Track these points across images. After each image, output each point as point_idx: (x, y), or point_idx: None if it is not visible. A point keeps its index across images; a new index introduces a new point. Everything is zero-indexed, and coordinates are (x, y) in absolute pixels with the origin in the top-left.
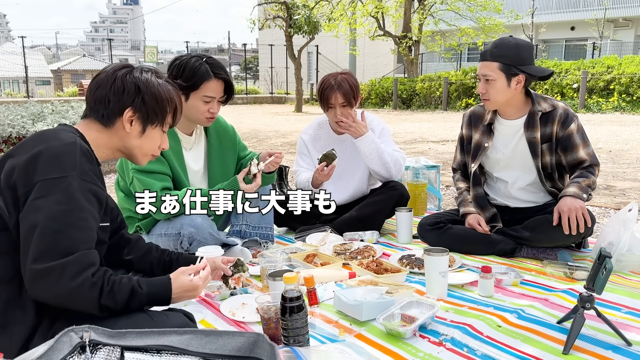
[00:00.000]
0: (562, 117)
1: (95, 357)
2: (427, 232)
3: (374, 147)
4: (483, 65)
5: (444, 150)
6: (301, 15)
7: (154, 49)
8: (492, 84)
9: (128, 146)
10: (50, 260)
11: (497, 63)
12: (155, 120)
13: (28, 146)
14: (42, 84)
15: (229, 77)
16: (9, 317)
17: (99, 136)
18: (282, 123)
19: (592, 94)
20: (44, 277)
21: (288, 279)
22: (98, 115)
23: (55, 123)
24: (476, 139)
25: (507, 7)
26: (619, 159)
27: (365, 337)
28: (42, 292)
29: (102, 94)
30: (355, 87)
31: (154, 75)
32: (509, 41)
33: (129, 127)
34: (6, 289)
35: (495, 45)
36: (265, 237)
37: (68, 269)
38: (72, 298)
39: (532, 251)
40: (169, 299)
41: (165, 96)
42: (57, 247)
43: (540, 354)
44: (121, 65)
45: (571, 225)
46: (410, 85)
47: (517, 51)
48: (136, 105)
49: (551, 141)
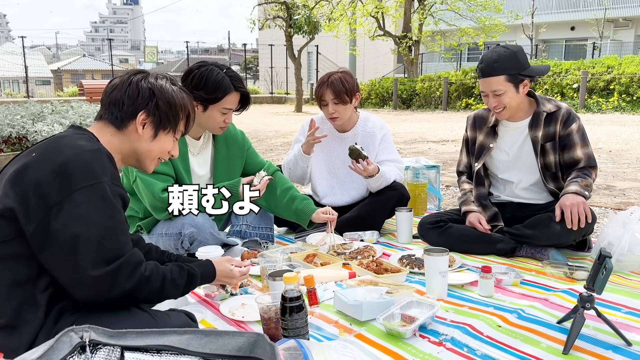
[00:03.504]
0: (564, 116)
1: (95, 357)
2: (427, 230)
3: (382, 181)
4: (488, 81)
5: (444, 150)
6: (301, 15)
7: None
8: (504, 96)
9: (138, 150)
10: (104, 266)
11: (504, 75)
12: (168, 126)
13: (49, 154)
14: (42, 84)
15: (247, 90)
16: (21, 319)
17: (112, 140)
18: (282, 123)
19: (592, 94)
20: (101, 283)
21: (288, 279)
22: (112, 117)
23: (55, 123)
24: (480, 140)
25: (507, 7)
26: (619, 159)
27: (365, 337)
28: (100, 296)
29: (117, 96)
30: (348, 85)
31: (168, 82)
32: (504, 51)
33: (141, 130)
34: (21, 292)
35: (493, 60)
36: (265, 237)
37: (121, 272)
38: (132, 296)
39: (531, 250)
40: (214, 278)
41: (178, 103)
42: (106, 253)
43: (540, 354)
44: (137, 71)
45: (573, 219)
46: (410, 85)
47: (516, 58)
48: (150, 109)
49: (554, 140)
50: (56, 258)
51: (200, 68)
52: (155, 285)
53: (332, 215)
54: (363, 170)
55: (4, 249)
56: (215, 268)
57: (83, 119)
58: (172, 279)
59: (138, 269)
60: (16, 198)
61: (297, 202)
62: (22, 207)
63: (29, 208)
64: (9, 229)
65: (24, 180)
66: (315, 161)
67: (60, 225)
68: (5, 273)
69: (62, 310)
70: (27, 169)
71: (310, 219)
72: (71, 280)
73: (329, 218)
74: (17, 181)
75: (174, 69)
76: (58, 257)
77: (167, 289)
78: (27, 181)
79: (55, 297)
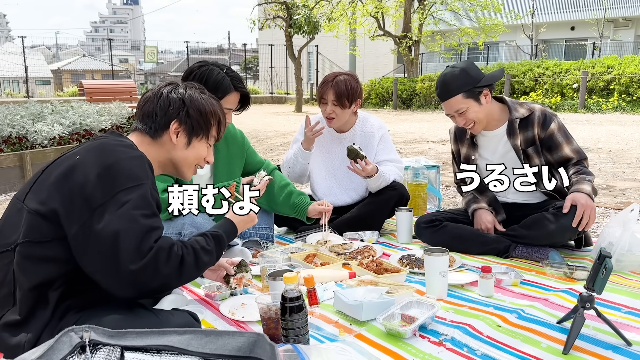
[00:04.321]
0: (540, 119)
1: (95, 357)
2: (422, 230)
3: (382, 181)
4: (449, 103)
5: (444, 150)
6: (301, 15)
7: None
8: (468, 112)
9: (175, 158)
10: (141, 259)
11: (460, 94)
12: (200, 133)
13: (95, 157)
14: (42, 83)
15: (247, 90)
16: (33, 316)
17: (149, 149)
18: (282, 123)
19: (592, 94)
20: (142, 275)
21: (288, 279)
22: (146, 127)
23: (55, 123)
24: (464, 153)
25: (507, 7)
26: (619, 159)
27: (365, 337)
28: (143, 288)
29: (150, 108)
30: (351, 89)
31: (197, 91)
32: (453, 71)
33: (175, 138)
34: (38, 292)
35: (446, 82)
36: (265, 237)
37: (159, 258)
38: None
39: (526, 250)
40: (237, 231)
41: (209, 109)
42: (142, 248)
43: (541, 354)
44: (167, 83)
45: (583, 220)
46: (410, 85)
47: (467, 74)
48: (181, 117)
49: (535, 144)
50: (98, 258)
51: (200, 68)
52: (189, 260)
53: (327, 207)
54: (361, 171)
55: (39, 250)
56: (233, 221)
57: (83, 119)
58: (202, 248)
59: (172, 250)
60: (61, 200)
61: (294, 197)
62: (66, 209)
63: (73, 210)
64: (48, 231)
65: (70, 183)
66: (314, 162)
67: (103, 224)
68: (35, 274)
69: (68, 308)
70: (72, 171)
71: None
72: (113, 279)
73: (323, 209)
74: (62, 183)
75: (174, 69)
76: (100, 256)
77: (201, 259)
78: (72, 183)
79: (64, 295)
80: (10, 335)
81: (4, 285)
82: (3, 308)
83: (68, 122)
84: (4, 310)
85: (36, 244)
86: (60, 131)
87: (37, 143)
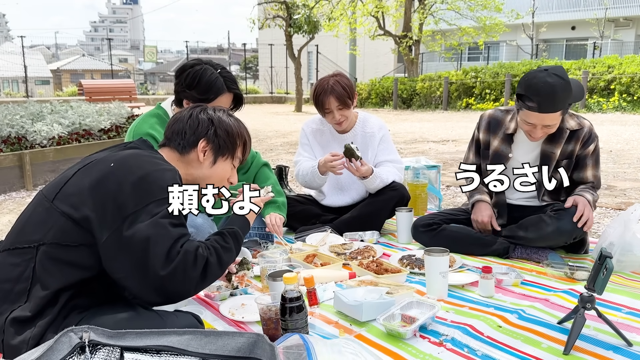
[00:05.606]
0: (585, 136)
1: (95, 357)
2: (420, 234)
3: (379, 182)
4: (548, 116)
5: (445, 150)
6: (301, 15)
7: (154, 49)
8: (553, 127)
9: (199, 176)
10: (170, 263)
11: (560, 111)
12: (226, 152)
13: (129, 166)
14: (41, 83)
15: (240, 91)
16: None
17: (177, 164)
18: (282, 123)
19: (592, 93)
20: (171, 281)
21: (288, 279)
22: (175, 144)
23: (54, 123)
24: (495, 146)
25: (507, 6)
26: (620, 159)
27: (365, 338)
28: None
29: (179, 127)
30: (348, 88)
31: (225, 113)
32: (562, 83)
33: (202, 156)
34: (57, 294)
35: (555, 92)
36: (264, 237)
37: (187, 261)
38: (201, 282)
39: (525, 251)
40: (249, 224)
41: (235, 131)
42: (171, 252)
43: (541, 355)
44: (196, 105)
45: (583, 217)
46: (411, 85)
47: (570, 88)
48: (209, 136)
49: (571, 158)
50: (128, 264)
51: (194, 67)
52: (213, 260)
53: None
54: (355, 170)
55: (65, 254)
56: (243, 215)
57: (82, 118)
58: (222, 246)
59: (198, 252)
60: (93, 207)
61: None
62: (98, 216)
63: (105, 217)
64: (77, 236)
65: (104, 190)
66: (317, 154)
67: (133, 231)
68: (57, 277)
69: (73, 307)
70: (106, 179)
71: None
72: (142, 285)
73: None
74: (96, 190)
75: (174, 68)
76: (129, 262)
77: (223, 258)
78: (106, 191)
79: (73, 296)
80: (15, 333)
81: (21, 281)
82: (14, 303)
83: (67, 122)
84: (14, 305)
85: (63, 247)
86: (59, 131)
87: (37, 143)
